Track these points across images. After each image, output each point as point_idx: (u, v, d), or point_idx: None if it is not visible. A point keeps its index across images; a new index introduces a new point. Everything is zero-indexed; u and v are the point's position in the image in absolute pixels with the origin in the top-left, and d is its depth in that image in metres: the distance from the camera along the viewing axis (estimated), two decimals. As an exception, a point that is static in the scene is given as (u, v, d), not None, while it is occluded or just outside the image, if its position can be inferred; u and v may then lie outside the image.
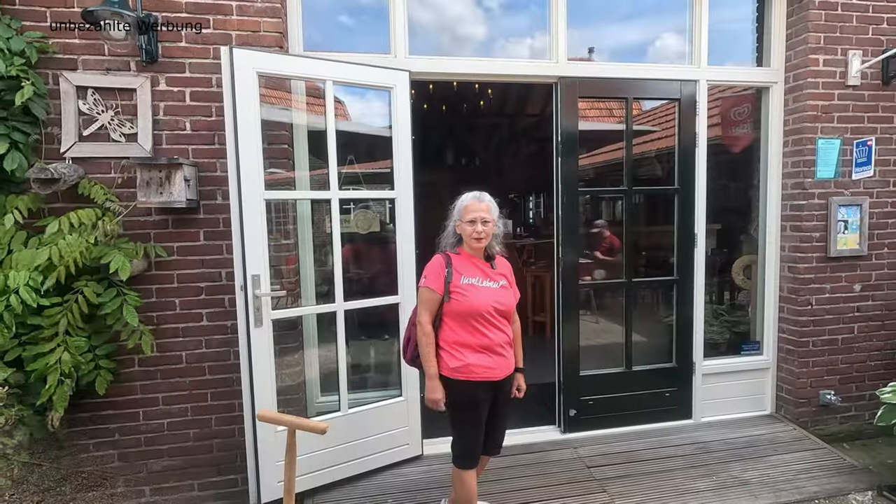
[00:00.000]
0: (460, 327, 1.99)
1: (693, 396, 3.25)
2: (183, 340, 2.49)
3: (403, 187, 2.71)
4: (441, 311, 2.02)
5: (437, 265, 2.03)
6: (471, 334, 1.98)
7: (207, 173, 2.45)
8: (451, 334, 2.01)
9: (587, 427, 3.13)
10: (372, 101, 3.01)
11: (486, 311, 1.98)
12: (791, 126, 3.15)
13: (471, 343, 1.98)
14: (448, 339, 2.01)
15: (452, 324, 2.00)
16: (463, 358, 1.97)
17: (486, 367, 1.99)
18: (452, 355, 1.99)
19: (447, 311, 2.00)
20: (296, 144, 2.71)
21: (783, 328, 3.27)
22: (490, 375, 2.00)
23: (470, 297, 1.97)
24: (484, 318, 1.98)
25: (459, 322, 1.99)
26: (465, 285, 1.99)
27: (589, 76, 2.98)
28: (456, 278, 2.00)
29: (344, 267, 2.59)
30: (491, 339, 1.99)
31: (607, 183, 4.75)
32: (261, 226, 2.33)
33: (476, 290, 2.00)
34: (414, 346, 2.11)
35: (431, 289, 2.00)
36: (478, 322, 1.98)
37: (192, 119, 2.43)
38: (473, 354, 1.98)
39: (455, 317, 1.99)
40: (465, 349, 1.98)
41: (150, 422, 2.49)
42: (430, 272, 2.03)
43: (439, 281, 2.00)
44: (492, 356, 2.00)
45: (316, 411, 2.83)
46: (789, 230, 3.20)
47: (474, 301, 1.97)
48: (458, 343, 1.99)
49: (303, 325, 2.77)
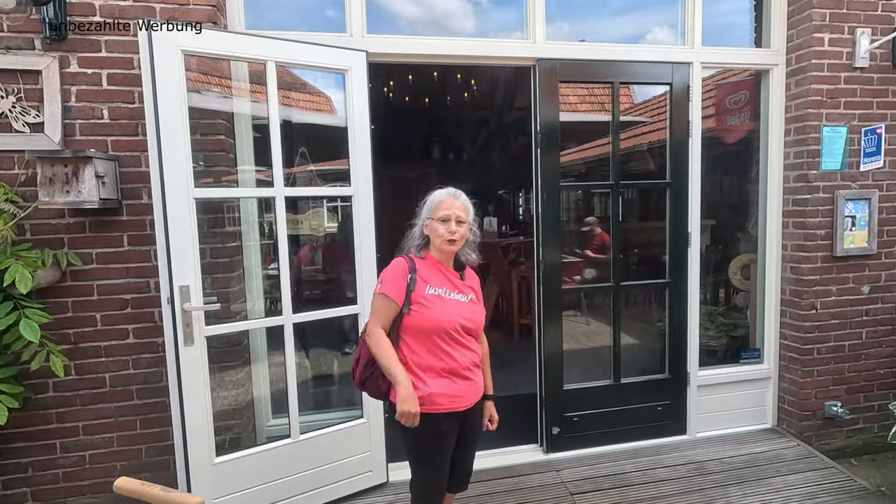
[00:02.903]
0: (421, 346, 1.68)
1: (688, 410, 2.97)
2: (106, 361, 2.18)
3: (362, 183, 2.40)
4: (398, 326, 1.69)
5: (399, 269, 1.70)
6: (434, 355, 1.67)
7: (130, 169, 2.13)
8: (410, 355, 1.68)
9: (572, 446, 2.84)
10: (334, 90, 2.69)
11: (452, 328, 1.67)
12: (793, 113, 2.87)
13: (434, 366, 1.67)
14: (405, 362, 1.68)
15: (412, 342, 1.68)
16: (424, 386, 1.65)
17: (451, 395, 1.68)
18: (412, 383, 1.66)
19: (406, 327, 1.68)
20: (238, 137, 2.39)
21: (785, 334, 3.00)
22: (456, 405, 1.69)
23: (435, 311, 1.66)
24: (450, 336, 1.68)
25: (420, 340, 1.68)
26: (431, 296, 1.68)
27: (570, 58, 2.68)
28: (420, 287, 1.68)
29: (295, 274, 2.28)
30: (457, 361, 1.69)
31: (597, 178, 4.46)
32: (190, 229, 2.01)
33: (442, 302, 1.69)
34: (364, 365, 1.76)
35: (388, 296, 1.66)
36: (443, 340, 1.67)
37: (110, 106, 2.10)
38: (437, 380, 1.67)
39: (415, 333, 1.68)
40: (427, 374, 1.67)
41: (69, 454, 2.18)
42: (389, 277, 1.69)
43: (399, 288, 1.67)
44: (458, 381, 1.69)
45: (267, 436, 2.52)
46: (791, 227, 2.92)
47: (440, 315, 1.66)
48: (418, 366, 1.67)
49: (249, 339, 2.45)
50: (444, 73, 4.59)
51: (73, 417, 2.17)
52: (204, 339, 2.07)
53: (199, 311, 2.04)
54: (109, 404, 2.19)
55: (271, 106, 2.17)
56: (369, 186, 2.41)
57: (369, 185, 2.41)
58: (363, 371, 1.77)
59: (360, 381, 1.79)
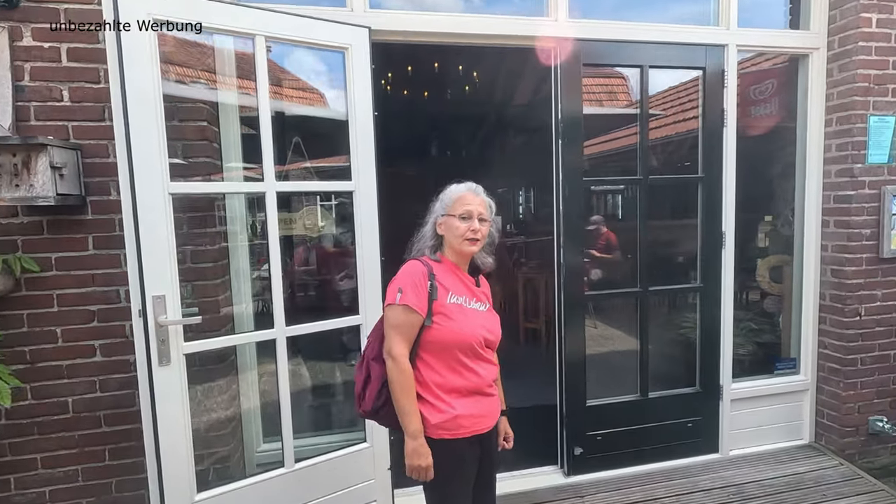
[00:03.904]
0: (443, 365, 1.45)
1: (720, 426, 2.71)
2: (69, 382, 1.88)
3: (364, 177, 2.12)
4: (416, 343, 1.44)
5: (418, 274, 1.45)
6: (458, 374, 1.46)
7: (96, 159, 1.83)
8: (431, 376, 1.45)
9: (596, 467, 2.58)
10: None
11: (476, 342, 1.46)
12: (835, 101, 2.62)
13: (458, 386, 1.46)
14: (425, 383, 1.45)
15: (432, 360, 1.45)
16: (449, 409, 1.44)
17: (476, 416, 1.48)
18: (435, 406, 1.44)
19: (427, 342, 1.44)
20: (223, 126, 2.10)
21: (825, 343, 2.75)
22: (480, 427, 1.49)
23: (459, 323, 1.45)
24: (472, 351, 1.47)
25: (442, 357, 1.45)
26: (452, 306, 1.46)
27: (595, 38, 2.41)
28: (441, 295, 1.45)
29: (289, 280, 1.99)
30: (481, 379, 1.49)
31: (613, 173, 4.18)
32: (166, 229, 1.72)
33: (464, 313, 1.47)
34: (379, 389, 1.49)
35: (412, 308, 1.41)
36: (466, 356, 1.46)
37: (71, 86, 1.80)
38: (461, 401, 1.46)
39: (437, 350, 1.45)
40: (451, 395, 1.45)
41: (26, 491, 1.87)
42: (409, 283, 1.43)
43: (422, 297, 1.42)
44: (481, 400, 1.50)
45: (258, 463, 2.23)
46: (833, 226, 2.67)
47: (464, 328, 1.45)
48: (441, 388, 1.45)
49: (237, 355, 2.17)
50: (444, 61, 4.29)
51: (32, 448, 1.86)
52: (182, 358, 1.78)
53: (177, 325, 1.75)
54: (73, 433, 1.89)
55: (260, 87, 1.88)
56: (372, 181, 2.13)
57: (372, 180, 2.13)
58: (376, 396, 1.49)
59: (372, 410, 1.51)
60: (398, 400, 1.41)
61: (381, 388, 1.48)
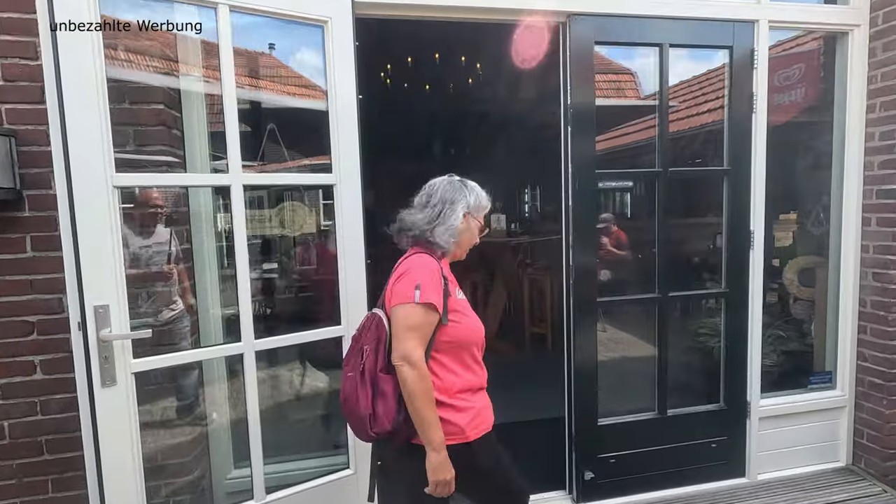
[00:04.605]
0: (459, 364, 1.38)
1: (748, 447, 2.44)
2: (5, 404, 1.63)
3: (347, 170, 1.87)
4: (431, 343, 1.32)
5: (434, 271, 1.34)
6: (471, 371, 1.40)
7: (33, 147, 1.59)
8: (448, 377, 1.35)
9: (609, 494, 2.31)
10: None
11: (483, 337, 1.44)
12: (879, 84, 2.33)
13: (473, 383, 1.40)
14: (447, 386, 1.34)
15: (448, 360, 1.36)
16: (472, 406, 1.37)
17: (488, 407, 1.44)
18: (459, 408, 1.34)
19: (442, 342, 1.34)
20: (186, 111, 1.85)
21: (864, 354, 2.47)
22: (492, 418, 1.45)
23: (472, 319, 1.41)
24: (478, 348, 1.43)
25: (457, 357, 1.38)
26: (462, 301, 1.41)
27: (609, 13, 2.14)
28: (452, 292, 1.39)
29: (261, 286, 1.75)
30: (485, 372, 1.46)
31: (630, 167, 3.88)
32: (111, 227, 1.47)
33: (468, 307, 1.43)
34: (395, 405, 1.28)
35: (434, 307, 1.29)
36: (472, 353, 1.41)
37: (3, 63, 1.56)
38: (475, 396, 1.41)
39: (453, 349, 1.36)
40: (467, 393, 1.38)
41: (-44, 529, 1.64)
42: (428, 279, 1.30)
43: (440, 295, 1.31)
44: (484, 393, 1.46)
45: (227, 491, 1.99)
46: (875, 224, 2.39)
47: (476, 324, 1.41)
48: (461, 387, 1.36)
49: (202, 370, 1.92)
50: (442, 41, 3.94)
51: (-39, 479, 1.63)
52: (131, 378, 1.53)
53: (124, 339, 1.51)
54: (10, 461, 1.65)
55: (224, 65, 1.63)
56: (356, 174, 1.88)
57: (356, 172, 1.88)
58: (396, 412, 1.28)
59: (392, 429, 1.28)
60: (420, 410, 1.26)
61: (399, 402, 1.29)
